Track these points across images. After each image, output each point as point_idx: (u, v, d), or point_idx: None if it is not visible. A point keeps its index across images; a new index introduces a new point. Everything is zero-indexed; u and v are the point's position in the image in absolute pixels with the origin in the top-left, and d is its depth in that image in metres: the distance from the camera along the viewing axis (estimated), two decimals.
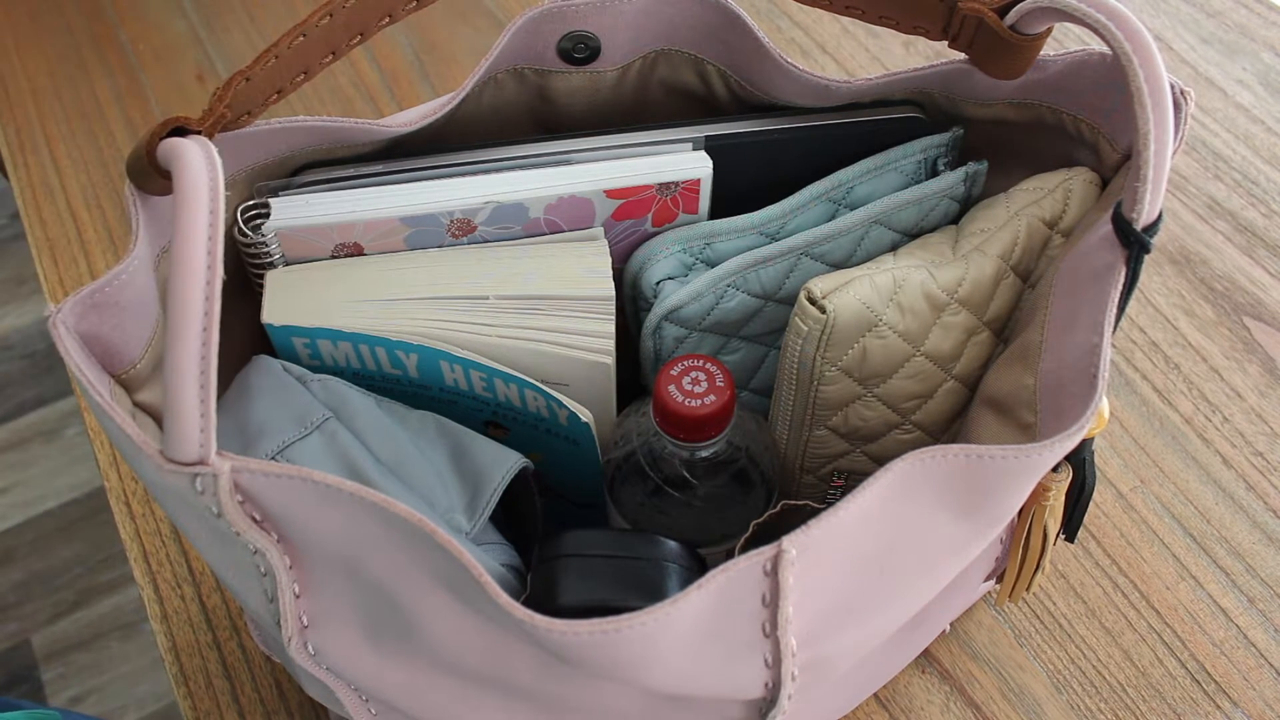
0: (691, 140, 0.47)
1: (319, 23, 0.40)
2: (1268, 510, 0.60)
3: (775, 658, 0.38)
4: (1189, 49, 0.83)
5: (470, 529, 0.43)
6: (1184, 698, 0.54)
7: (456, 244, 0.47)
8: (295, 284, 0.45)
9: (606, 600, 0.40)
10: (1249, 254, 0.71)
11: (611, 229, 0.48)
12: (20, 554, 1.47)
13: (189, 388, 0.32)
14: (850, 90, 0.47)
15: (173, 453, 0.33)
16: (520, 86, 0.48)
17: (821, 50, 0.86)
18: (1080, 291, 0.41)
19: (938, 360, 0.47)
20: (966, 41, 0.44)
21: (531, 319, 0.45)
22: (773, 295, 0.49)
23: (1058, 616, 0.57)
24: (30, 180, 0.81)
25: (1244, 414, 0.64)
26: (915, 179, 0.50)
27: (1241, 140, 0.77)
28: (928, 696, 0.54)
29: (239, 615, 0.58)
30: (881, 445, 0.50)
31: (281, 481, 0.34)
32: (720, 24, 0.46)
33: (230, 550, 0.36)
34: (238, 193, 0.45)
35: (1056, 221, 0.47)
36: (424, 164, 0.47)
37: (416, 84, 0.85)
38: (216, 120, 0.38)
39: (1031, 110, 0.48)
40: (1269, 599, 0.57)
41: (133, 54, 0.89)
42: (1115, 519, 0.60)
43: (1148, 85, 0.37)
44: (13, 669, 1.37)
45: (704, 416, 0.43)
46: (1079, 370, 0.39)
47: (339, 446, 0.43)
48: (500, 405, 0.48)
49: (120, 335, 0.38)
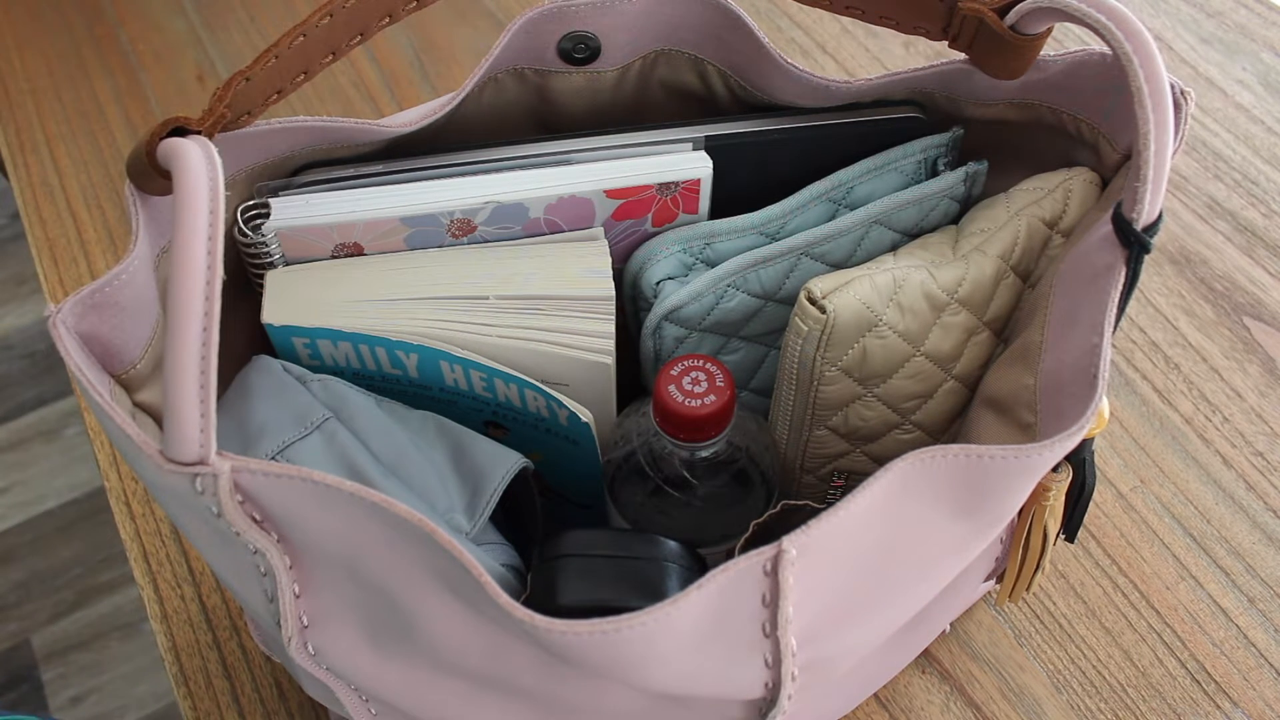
0: (691, 140, 0.47)
1: (319, 23, 0.40)
2: (1268, 510, 0.60)
3: (775, 658, 0.38)
4: (1189, 49, 0.83)
5: (470, 529, 0.43)
6: (1184, 698, 0.54)
7: (456, 244, 0.47)
8: (295, 284, 0.45)
9: (606, 600, 0.40)
10: (1249, 254, 0.71)
11: (611, 229, 0.48)
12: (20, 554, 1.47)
13: (189, 388, 0.32)
14: (850, 90, 0.47)
15: (173, 453, 0.33)
16: (520, 87, 0.48)
17: (821, 50, 0.86)
18: (1080, 291, 0.41)
19: (938, 360, 0.47)
20: (967, 41, 0.44)
21: (531, 319, 0.45)
22: (773, 295, 0.49)
23: (1058, 616, 0.57)
24: (30, 180, 0.81)
25: (1244, 414, 0.64)
26: (915, 179, 0.50)
27: (1241, 140, 0.77)
28: (928, 696, 0.54)
29: (239, 615, 0.58)
30: (881, 445, 0.50)
31: (282, 481, 0.34)
32: (720, 24, 0.46)
33: (230, 550, 0.36)
34: (238, 193, 0.45)
35: (1056, 221, 0.47)
36: (424, 164, 0.47)
37: (416, 84, 0.85)
38: (216, 120, 0.38)
39: (1031, 110, 0.48)
40: (1269, 599, 0.57)
41: (133, 54, 0.89)
42: (1115, 519, 0.60)
43: (1148, 85, 0.37)
44: (13, 669, 1.37)
45: (704, 416, 0.43)
46: (1079, 370, 0.39)
47: (339, 446, 0.43)
48: (500, 405, 0.48)
49: (120, 335, 0.38)
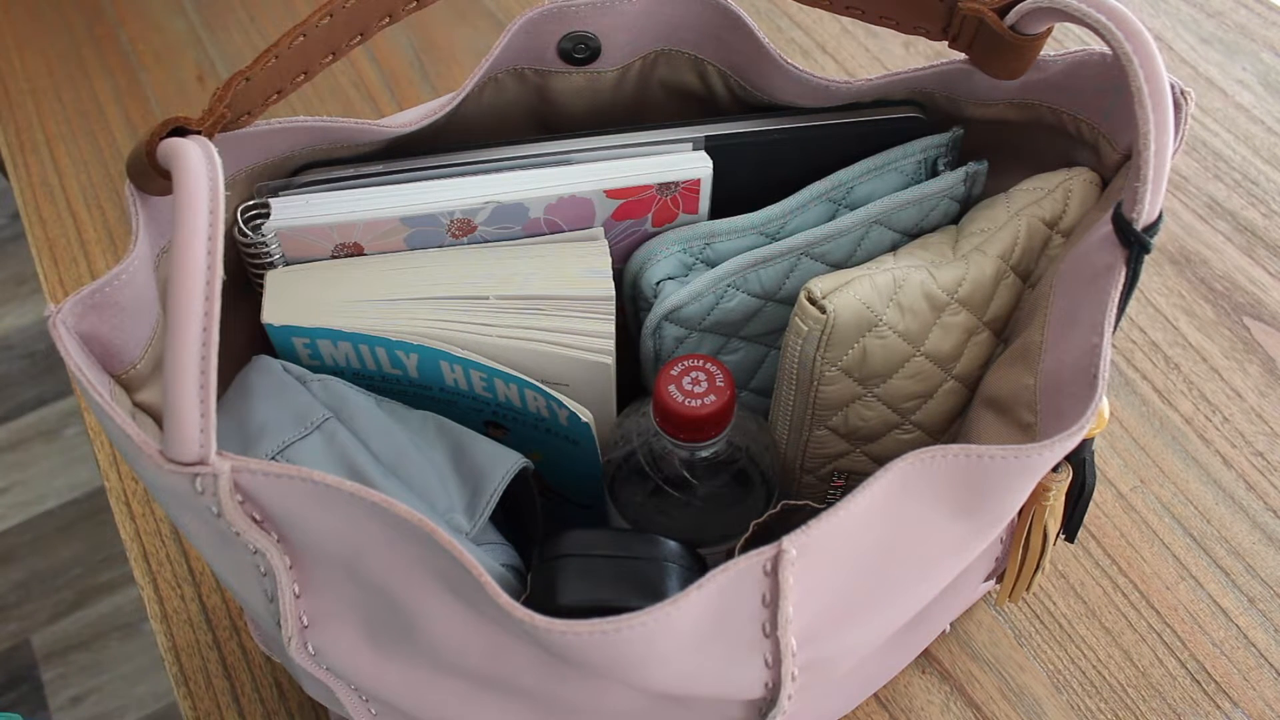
0: (691, 140, 0.47)
1: (319, 23, 0.40)
2: (1268, 510, 0.60)
3: (775, 658, 0.38)
4: (1189, 49, 0.83)
5: (470, 529, 0.43)
6: (1184, 698, 0.54)
7: (456, 244, 0.47)
8: (295, 284, 0.45)
9: (606, 600, 0.40)
10: (1249, 254, 0.71)
11: (611, 229, 0.48)
12: (20, 554, 1.47)
13: (189, 387, 0.32)
14: (850, 91, 0.46)
15: (173, 453, 0.33)
16: (521, 87, 0.48)
17: (821, 50, 0.86)
18: (1080, 292, 0.41)
19: (938, 360, 0.47)
20: (967, 42, 0.44)
21: (531, 319, 0.45)
22: (773, 295, 0.49)
23: (1058, 616, 0.57)
24: (30, 180, 0.81)
25: (1244, 414, 0.64)
26: (915, 179, 0.49)
27: (1241, 140, 0.77)
28: (928, 696, 0.54)
29: (239, 615, 0.58)
30: (881, 445, 0.50)
31: (282, 482, 0.34)
32: (721, 24, 0.46)
33: (230, 550, 0.36)
34: (238, 193, 0.45)
35: (1056, 221, 0.47)
36: (424, 164, 0.47)
37: (416, 84, 0.85)
38: (217, 120, 0.38)
39: (1031, 110, 0.48)
40: (1269, 599, 0.57)
41: (133, 54, 0.89)
42: (1115, 519, 0.60)
43: (1148, 86, 0.37)
44: (13, 669, 1.37)
45: (704, 416, 0.43)
46: (1079, 370, 0.39)
47: (339, 446, 0.43)
48: (500, 405, 0.48)
49: (120, 336, 0.38)
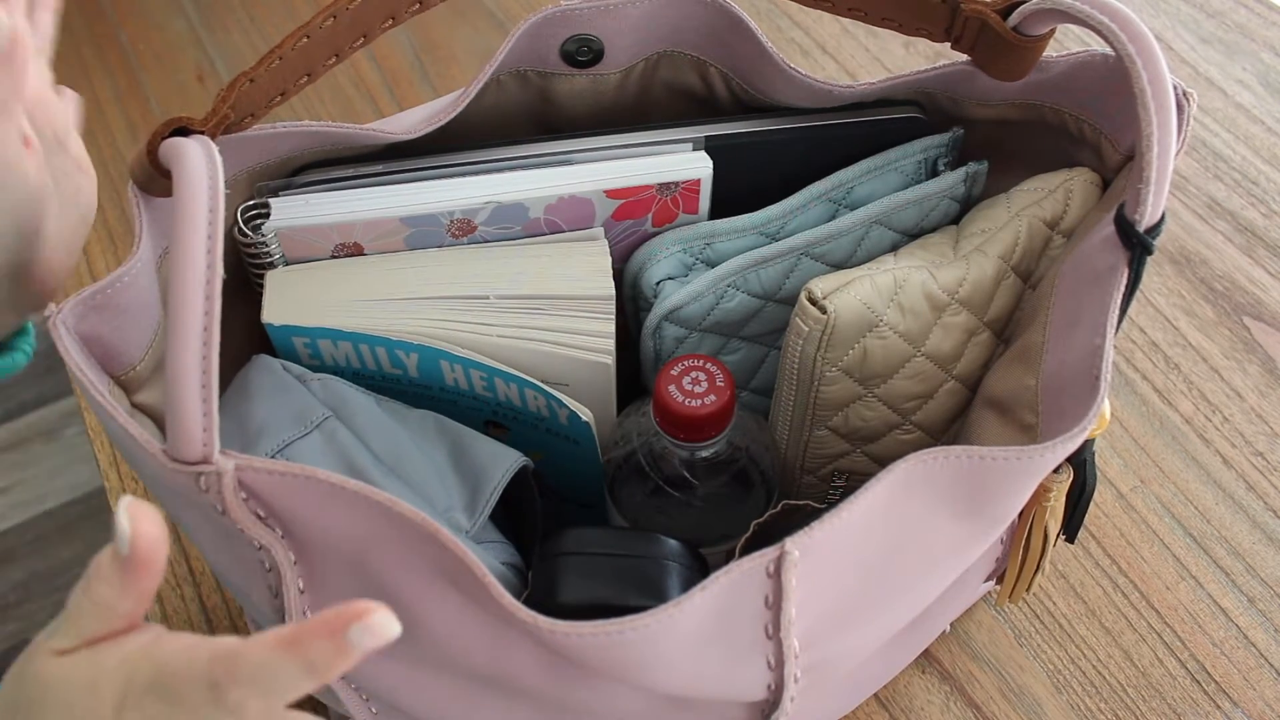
0: (692, 140, 0.47)
1: (322, 24, 0.40)
2: (1268, 510, 0.60)
3: (778, 659, 0.38)
4: (1189, 49, 0.83)
5: (470, 527, 0.43)
6: (1184, 698, 0.54)
7: (456, 244, 0.47)
8: (295, 284, 0.45)
9: (607, 598, 0.40)
10: (1249, 254, 0.71)
11: (611, 229, 0.48)
12: (20, 554, 1.47)
13: (191, 387, 0.32)
14: (852, 94, 0.47)
15: (176, 452, 0.33)
16: (523, 88, 0.48)
17: (822, 50, 0.86)
18: (1082, 293, 0.41)
19: (938, 361, 0.47)
20: (969, 43, 0.44)
21: (532, 319, 0.45)
22: (773, 295, 0.49)
23: (1058, 616, 0.57)
24: None
25: (1244, 414, 0.64)
26: (915, 179, 0.49)
27: (1241, 140, 0.77)
28: (928, 696, 0.54)
29: (239, 615, 0.58)
30: (882, 445, 0.50)
31: (285, 480, 0.34)
32: (723, 27, 0.46)
33: (234, 546, 0.36)
34: (238, 193, 0.45)
35: (1057, 222, 0.47)
36: (424, 164, 0.47)
37: (417, 84, 0.85)
38: (220, 121, 0.38)
39: (1033, 110, 0.48)
40: (1269, 599, 0.57)
41: (133, 54, 0.89)
42: (1115, 519, 0.60)
43: (1151, 87, 0.37)
44: None
45: (704, 416, 0.43)
46: (1081, 371, 0.39)
47: (339, 445, 0.43)
48: (500, 405, 0.48)
49: (120, 337, 0.38)
